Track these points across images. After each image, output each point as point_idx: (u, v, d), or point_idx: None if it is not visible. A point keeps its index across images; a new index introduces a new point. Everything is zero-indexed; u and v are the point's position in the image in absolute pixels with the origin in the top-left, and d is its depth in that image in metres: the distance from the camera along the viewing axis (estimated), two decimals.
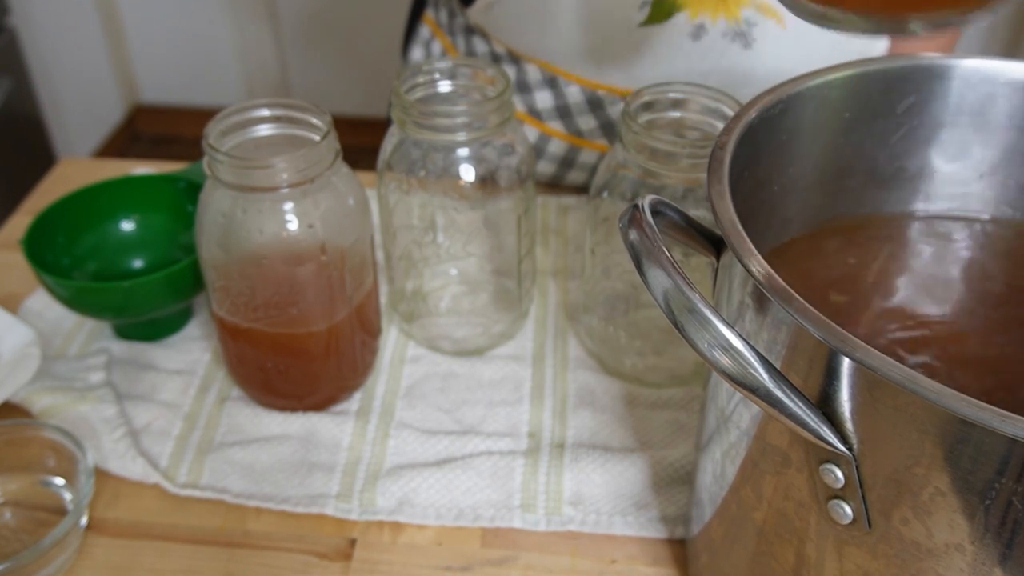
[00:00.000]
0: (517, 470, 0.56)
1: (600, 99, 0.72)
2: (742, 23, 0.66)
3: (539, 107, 0.75)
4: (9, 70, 1.85)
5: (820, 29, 0.72)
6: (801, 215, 0.47)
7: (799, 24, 0.67)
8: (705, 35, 0.66)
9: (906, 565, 0.32)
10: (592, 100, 0.73)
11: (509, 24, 0.72)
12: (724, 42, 0.66)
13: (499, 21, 0.72)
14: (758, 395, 0.31)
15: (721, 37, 0.66)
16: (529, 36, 0.71)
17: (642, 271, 0.34)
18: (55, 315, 0.67)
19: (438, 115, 0.55)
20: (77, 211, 0.65)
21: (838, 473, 0.32)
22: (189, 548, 0.53)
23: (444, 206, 0.60)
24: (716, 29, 0.66)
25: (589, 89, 0.72)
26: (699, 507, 0.46)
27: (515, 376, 0.63)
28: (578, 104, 0.74)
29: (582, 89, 0.73)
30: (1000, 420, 0.26)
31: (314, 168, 0.51)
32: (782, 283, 0.32)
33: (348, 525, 0.54)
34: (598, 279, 0.62)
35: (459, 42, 0.79)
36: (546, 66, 0.73)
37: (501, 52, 0.75)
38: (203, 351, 0.65)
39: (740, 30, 0.66)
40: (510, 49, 0.74)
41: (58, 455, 0.54)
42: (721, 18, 0.62)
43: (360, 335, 0.59)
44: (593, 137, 0.75)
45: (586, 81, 0.72)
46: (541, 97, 0.75)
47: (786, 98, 0.42)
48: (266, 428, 0.59)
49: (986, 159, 0.47)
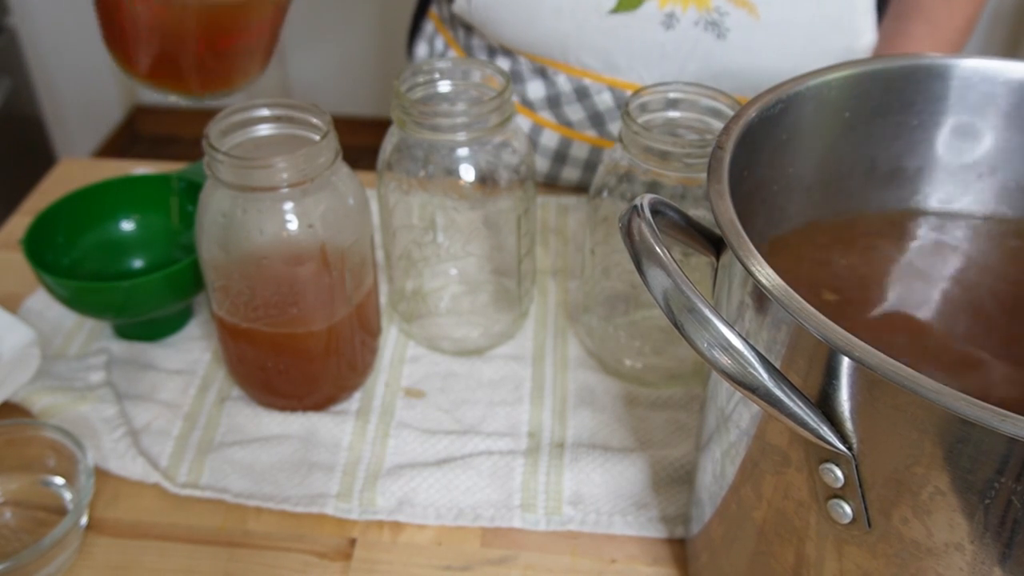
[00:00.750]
0: (517, 470, 0.56)
1: (586, 88, 0.73)
2: (712, 11, 0.67)
3: (531, 97, 0.76)
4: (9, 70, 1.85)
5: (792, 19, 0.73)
6: (801, 215, 0.47)
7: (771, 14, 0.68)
8: (677, 24, 0.67)
9: (906, 564, 0.32)
10: (579, 89, 0.73)
11: (490, 16, 0.73)
12: (697, 31, 0.67)
13: (481, 13, 0.73)
14: (758, 394, 0.31)
15: (693, 26, 0.67)
16: (509, 27, 0.73)
17: (642, 271, 0.34)
18: (55, 315, 0.67)
19: (438, 115, 0.55)
20: (77, 211, 0.65)
21: (838, 472, 0.33)
22: (189, 548, 0.53)
23: (444, 206, 0.60)
24: (687, 18, 0.67)
25: (575, 78, 0.73)
26: (699, 507, 0.46)
27: (515, 376, 0.63)
28: (567, 94, 0.74)
29: (569, 78, 0.73)
30: (1000, 420, 0.26)
31: (314, 168, 0.51)
32: (782, 283, 0.32)
33: (348, 525, 0.54)
34: (598, 279, 0.62)
35: (460, 35, 0.80)
36: (533, 57, 0.74)
37: (496, 45, 0.76)
38: (203, 351, 0.65)
39: (712, 19, 0.67)
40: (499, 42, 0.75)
41: (58, 455, 0.54)
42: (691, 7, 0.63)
43: (360, 335, 0.59)
44: (583, 128, 0.76)
45: (570, 69, 0.73)
46: (533, 87, 0.76)
47: (786, 98, 0.42)
48: (266, 428, 0.59)
49: (985, 159, 0.47)
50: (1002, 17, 1.89)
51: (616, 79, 0.72)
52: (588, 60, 0.72)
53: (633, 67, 0.71)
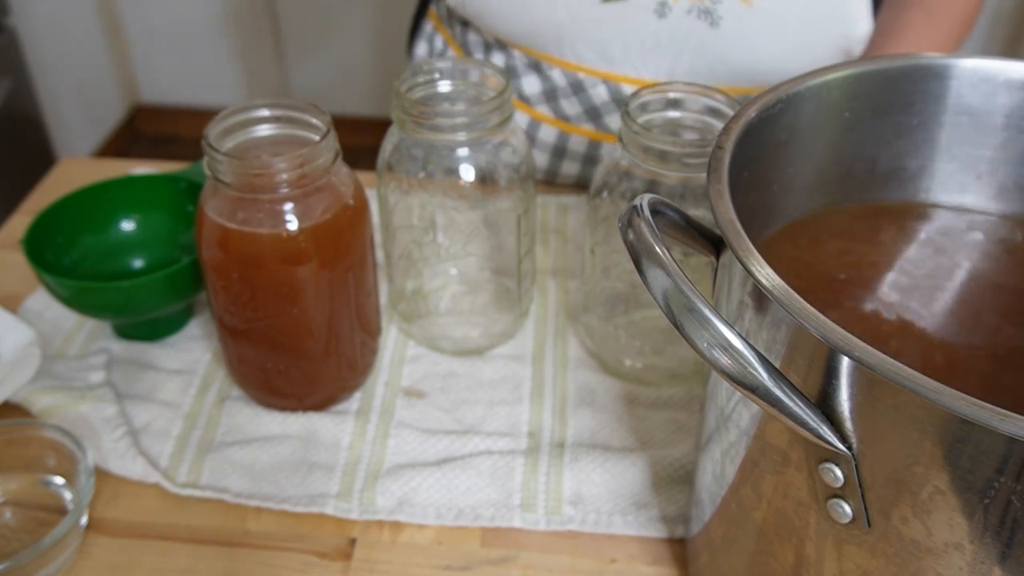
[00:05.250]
0: (517, 469, 0.56)
1: (581, 82, 0.73)
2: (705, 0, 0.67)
3: (527, 92, 0.76)
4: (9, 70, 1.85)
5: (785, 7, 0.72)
6: (801, 214, 0.47)
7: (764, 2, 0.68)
8: (670, 12, 0.67)
9: (905, 564, 0.32)
10: (574, 83, 0.74)
11: (484, 8, 0.73)
12: (690, 20, 0.67)
13: (475, 6, 0.73)
14: (757, 394, 0.31)
15: (686, 15, 0.67)
16: (503, 18, 0.72)
17: (642, 271, 0.34)
18: (55, 315, 0.67)
19: (438, 115, 0.55)
20: (77, 211, 0.65)
21: (837, 472, 0.33)
22: (189, 548, 0.53)
23: (444, 206, 0.60)
24: (680, 7, 0.67)
25: (570, 72, 0.73)
26: (699, 506, 0.46)
27: (515, 376, 0.63)
28: (563, 88, 0.74)
29: (564, 72, 0.73)
30: (999, 419, 0.26)
31: (314, 168, 0.51)
32: (782, 283, 0.32)
33: (348, 525, 0.54)
34: (598, 279, 0.62)
35: (456, 32, 0.80)
36: (527, 51, 0.74)
37: (491, 40, 0.76)
38: (203, 351, 0.65)
39: (704, 7, 0.67)
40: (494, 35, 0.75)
41: (58, 455, 0.54)
42: None
43: (360, 335, 0.59)
44: (580, 122, 0.76)
45: (565, 63, 0.73)
46: (528, 82, 0.76)
47: (786, 97, 0.42)
48: (266, 428, 0.59)
49: (985, 159, 0.47)
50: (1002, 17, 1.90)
51: (611, 72, 0.72)
52: (583, 51, 0.72)
53: (628, 58, 0.71)
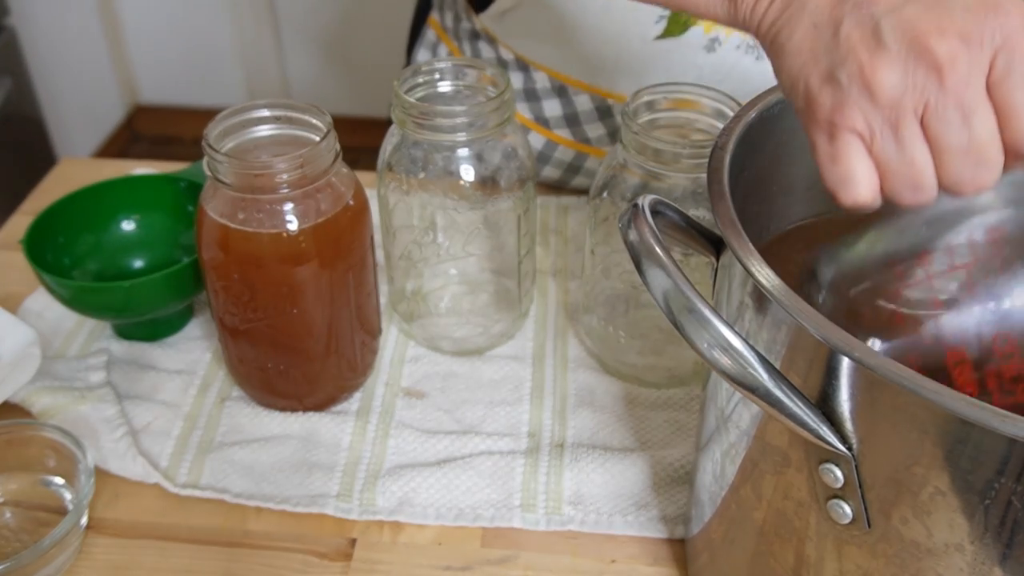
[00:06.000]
0: (517, 470, 0.56)
1: (610, 107, 0.72)
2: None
3: (547, 115, 0.75)
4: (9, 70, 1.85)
5: None
6: (801, 215, 0.47)
7: None
8: (719, 47, 0.66)
9: (906, 565, 0.32)
10: (602, 108, 0.73)
11: (522, 32, 0.72)
12: (737, 54, 0.66)
13: (512, 28, 0.72)
14: (758, 395, 0.31)
15: (735, 49, 0.66)
16: (542, 45, 0.71)
17: (642, 271, 0.34)
18: (55, 315, 0.67)
19: (438, 115, 0.55)
20: (77, 211, 0.65)
21: (837, 473, 0.33)
22: (189, 548, 0.53)
23: (444, 206, 0.60)
24: (730, 42, 0.66)
25: (600, 97, 0.72)
26: (699, 507, 0.46)
27: (515, 376, 0.63)
28: (587, 112, 0.73)
29: (592, 97, 0.72)
30: (999, 420, 0.26)
31: (314, 168, 0.51)
32: (782, 283, 0.32)
33: (348, 525, 0.54)
34: (598, 279, 0.62)
35: (464, 47, 0.79)
36: (555, 75, 0.73)
37: (509, 58, 0.75)
38: (203, 351, 0.65)
39: (753, 42, 0.66)
40: (519, 56, 0.74)
41: (58, 455, 0.54)
42: (735, 31, 0.61)
43: (360, 335, 0.59)
44: (601, 144, 0.75)
45: (596, 89, 0.72)
46: (550, 105, 0.74)
47: None
48: (266, 428, 0.59)
49: None
50: None
51: None
52: (619, 81, 0.70)
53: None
